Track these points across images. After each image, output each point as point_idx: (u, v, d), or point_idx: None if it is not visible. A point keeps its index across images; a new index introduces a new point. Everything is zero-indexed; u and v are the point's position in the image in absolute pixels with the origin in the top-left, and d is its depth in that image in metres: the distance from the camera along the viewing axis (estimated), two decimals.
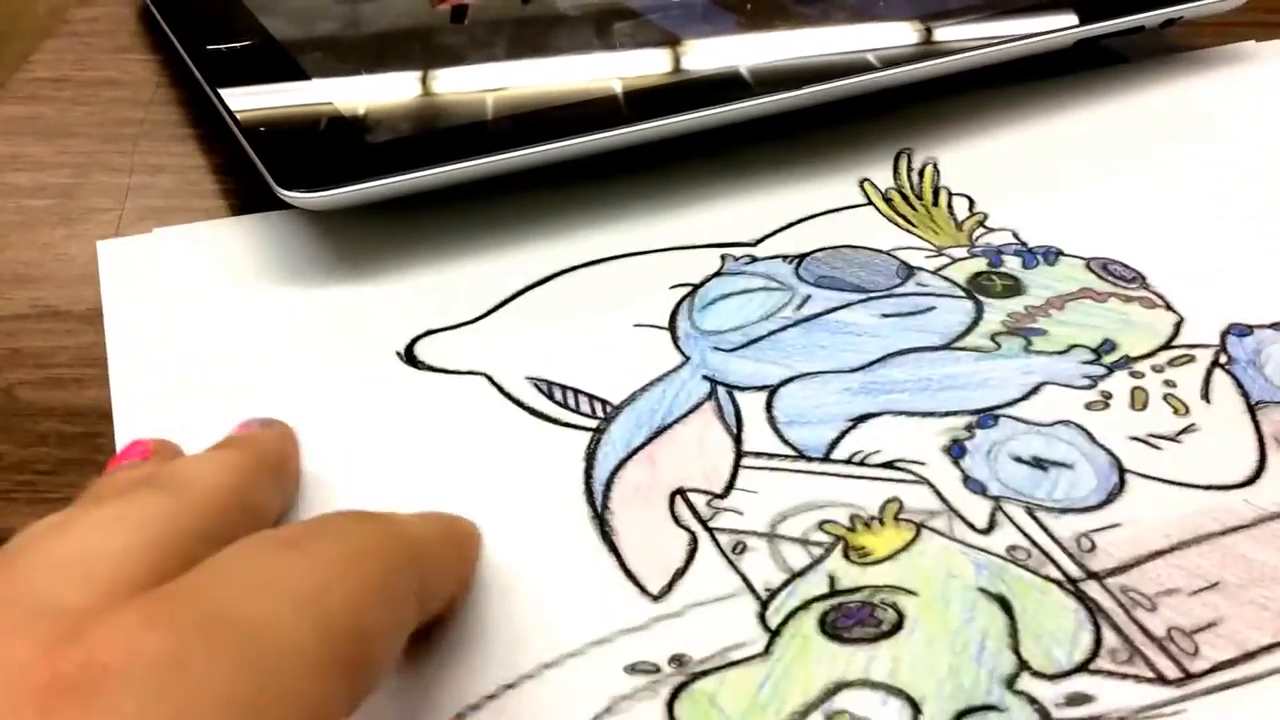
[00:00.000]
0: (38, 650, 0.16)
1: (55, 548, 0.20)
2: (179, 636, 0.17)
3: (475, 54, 0.43)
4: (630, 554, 0.26)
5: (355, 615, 0.19)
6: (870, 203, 0.38)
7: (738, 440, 0.29)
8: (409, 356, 0.32)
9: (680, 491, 0.28)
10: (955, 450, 0.28)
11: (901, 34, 0.43)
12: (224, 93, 0.39)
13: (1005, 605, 0.24)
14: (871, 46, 0.41)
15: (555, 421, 0.30)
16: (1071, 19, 0.43)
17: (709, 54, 0.42)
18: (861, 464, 0.28)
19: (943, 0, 0.45)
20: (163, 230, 0.37)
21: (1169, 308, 0.33)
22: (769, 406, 0.30)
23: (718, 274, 0.35)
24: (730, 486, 0.28)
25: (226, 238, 0.37)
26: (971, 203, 0.38)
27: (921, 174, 0.39)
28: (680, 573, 0.26)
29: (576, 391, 0.31)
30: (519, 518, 0.27)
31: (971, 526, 0.26)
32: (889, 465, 0.28)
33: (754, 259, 0.35)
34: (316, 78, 0.40)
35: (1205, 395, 0.30)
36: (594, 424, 0.30)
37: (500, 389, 0.31)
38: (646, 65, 0.42)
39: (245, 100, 0.39)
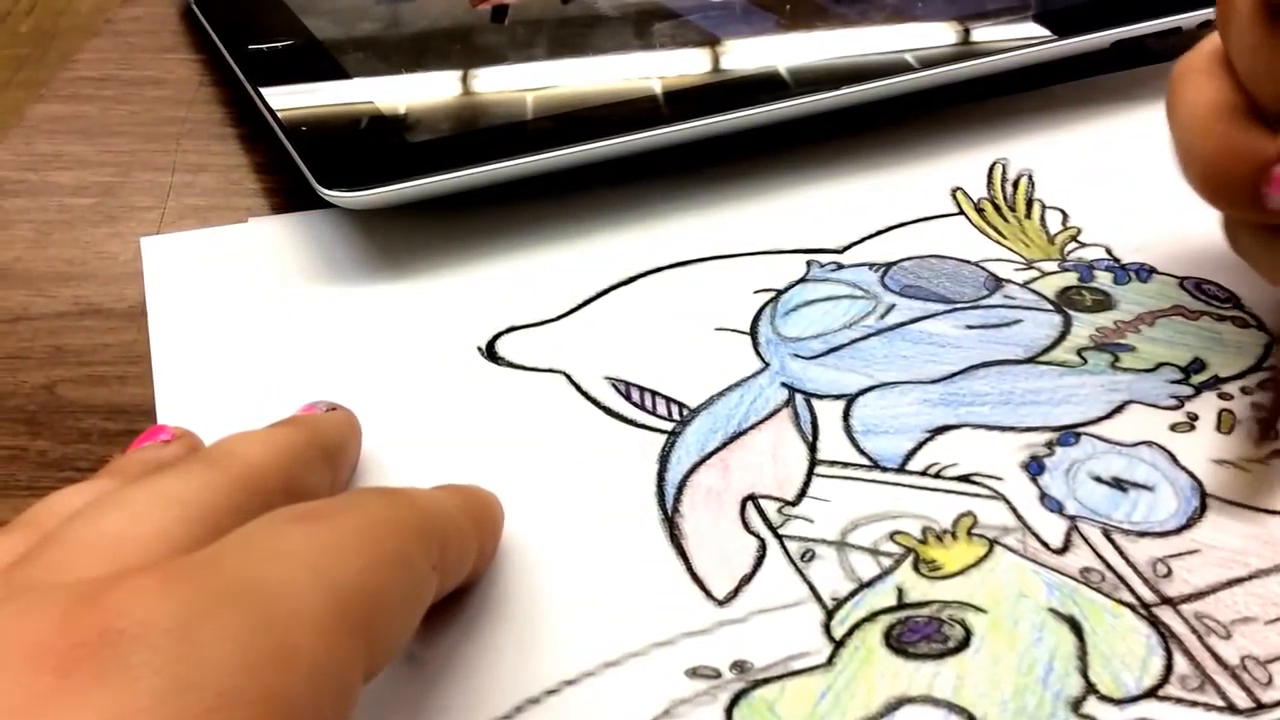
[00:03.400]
0: (57, 620, 0.17)
1: (89, 532, 0.20)
2: (192, 602, 0.17)
3: (515, 54, 0.43)
4: (698, 558, 0.26)
5: (368, 584, 0.19)
6: (961, 212, 0.38)
7: (812, 448, 0.29)
8: (490, 352, 0.32)
9: (752, 497, 0.28)
10: (1034, 467, 0.28)
11: (940, 34, 0.42)
12: (266, 92, 0.40)
13: (1075, 627, 0.24)
14: (910, 47, 0.41)
15: (631, 422, 0.30)
16: (1108, 20, 0.42)
17: (748, 54, 0.42)
18: (937, 476, 0.28)
19: (980, 2, 0.45)
20: (206, 228, 0.38)
21: (1262, 329, 0.32)
22: (846, 415, 0.30)
23: (802, 280, 0.35)
24: (802, 494, 0.28)
25: (269, 235, 0.38)
26: (1065, 216, 0.37)
27: (1016, 185, 0.38)
28: (747, 579, 0.26)
29: (654, 393, 0.31)
30: (589, 516, 0.27)
31: (1046, 545, 0.26)
32: (965, 479, 0.28)
33: (840, 266, 0.35)
34: (358, 77, 0.41)
35: None
36: (669, 426, 0.30)
37: (578, 387, 0.31)
38: (686, 65, 0.42)
39: (287, 99, 0.39)
